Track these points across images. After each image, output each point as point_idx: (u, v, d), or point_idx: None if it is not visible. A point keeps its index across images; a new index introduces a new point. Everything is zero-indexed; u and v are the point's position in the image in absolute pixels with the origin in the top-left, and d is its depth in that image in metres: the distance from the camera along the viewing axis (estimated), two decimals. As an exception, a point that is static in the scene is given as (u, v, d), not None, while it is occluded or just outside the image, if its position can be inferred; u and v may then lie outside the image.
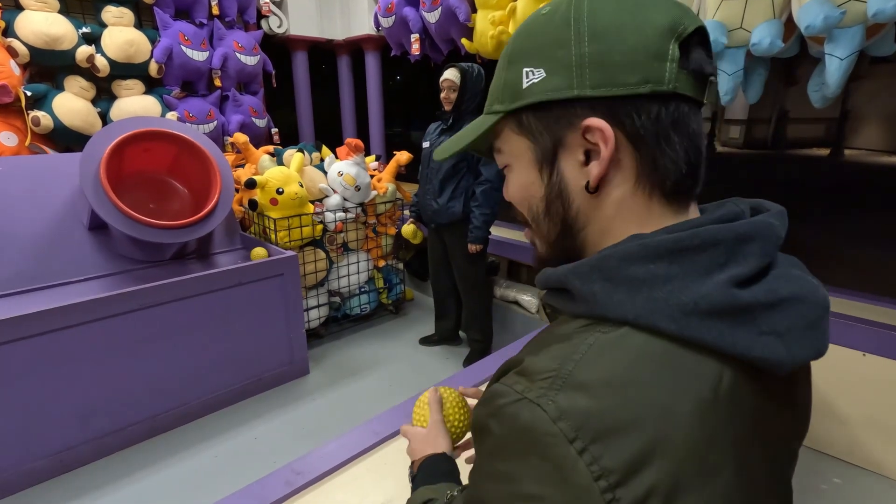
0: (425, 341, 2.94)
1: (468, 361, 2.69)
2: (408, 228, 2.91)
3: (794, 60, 1.87)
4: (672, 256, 0.36)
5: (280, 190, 2.50)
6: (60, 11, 2.80)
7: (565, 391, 0.34)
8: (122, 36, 2.95)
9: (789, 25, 1.65)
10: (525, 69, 0.43)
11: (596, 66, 0.39)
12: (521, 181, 0.47)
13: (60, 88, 2.85)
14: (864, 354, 1.80)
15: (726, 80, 1.72)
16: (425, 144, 2.56)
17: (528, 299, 2.89)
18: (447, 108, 2.37)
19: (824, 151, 13.11)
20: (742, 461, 0.35)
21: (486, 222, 2.40)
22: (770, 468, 0.40)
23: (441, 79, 2.33)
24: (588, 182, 0.42)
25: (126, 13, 3.00)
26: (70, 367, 1.78)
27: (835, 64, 1.52)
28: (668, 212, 0.42)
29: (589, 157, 0.42)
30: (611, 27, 0.39)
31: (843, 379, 1.86)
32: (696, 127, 0.41)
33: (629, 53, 0.39)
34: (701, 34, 0.40)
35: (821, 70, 1.72)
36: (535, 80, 0.42)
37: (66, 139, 2.85)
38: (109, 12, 2.96)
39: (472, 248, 2.43)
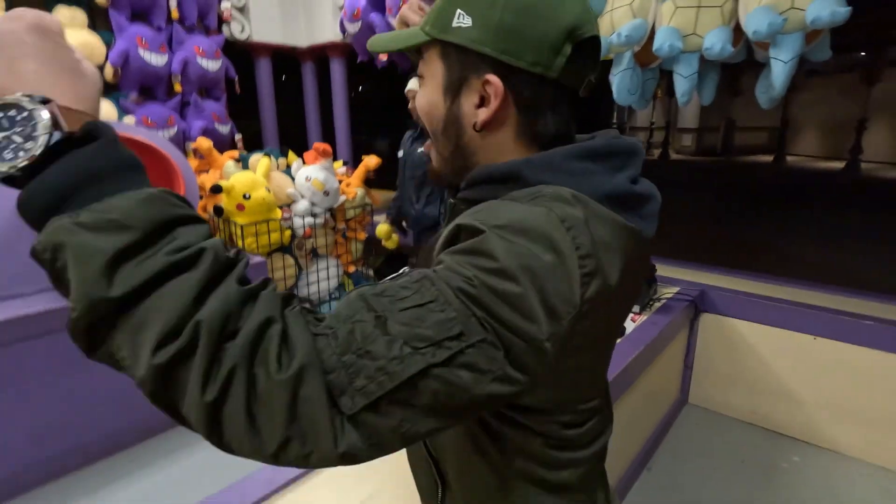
0: None
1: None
2: (382, 228, 2.87)
3: (738, 72, 2.00)
4: (594, 158, 0.49)
5: (247, 195, 2.45)
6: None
7: (543, 202, 0.44)
8: (74, 39, 2.83)
9: (737, 32, 1.77)
10: (458, 10, 0.50)
11: (509, 37, 0.48)
12: (430, 97, 0.55)
13: (7, 92, 2.71)
14: (814, 338, 1.92)
15: (683, 82, 1.82)
16: (400, 154, 2.57)
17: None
18: (415, 117, 2.38)
19: (768, 157, 13.95)
20: (633, 280, 0.50)
21: None
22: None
23: (406, 90, 2.33)
24: (476, 122, 0.51)
25: (79, 15, 2.89)
26: (34, 382, 1.68)
27: (779, 67, 1.64)
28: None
29: (483, 102, 0.51)
30: (530, 8, 0.47)
31: (796, 361, 1.98)
32: (566, 109, 0.52)
33: (536, 38, 0.47)
34: (593, 42, 0.50)
35: (767, 74, 1.84)
36: (463, 26, 0.49)
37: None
38: (61, 13, 2.84)
39: None
